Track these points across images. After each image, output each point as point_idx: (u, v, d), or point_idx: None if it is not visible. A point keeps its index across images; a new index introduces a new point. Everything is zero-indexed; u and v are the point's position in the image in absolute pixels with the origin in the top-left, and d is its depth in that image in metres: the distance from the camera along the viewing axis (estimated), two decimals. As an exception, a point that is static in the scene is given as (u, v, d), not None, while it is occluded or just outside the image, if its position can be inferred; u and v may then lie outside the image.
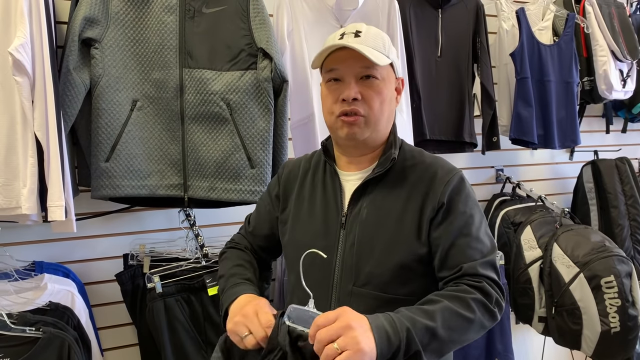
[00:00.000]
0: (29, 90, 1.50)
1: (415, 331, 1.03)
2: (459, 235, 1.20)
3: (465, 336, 1.12)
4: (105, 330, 1.96)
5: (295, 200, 1.37)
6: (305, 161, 1.43)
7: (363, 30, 1.23)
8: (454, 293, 1.14)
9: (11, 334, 1.52)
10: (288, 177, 1.42)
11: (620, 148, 3.08)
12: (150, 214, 2.03)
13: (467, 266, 1.17)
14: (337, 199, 1.29)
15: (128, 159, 1.73)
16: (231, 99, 1.77)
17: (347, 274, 1.24)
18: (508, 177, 2.72)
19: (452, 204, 1.22)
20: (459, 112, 2.35)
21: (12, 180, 1.52)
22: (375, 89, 1.23)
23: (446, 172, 1.26)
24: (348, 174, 1.32)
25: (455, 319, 1.10)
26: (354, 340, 0.96)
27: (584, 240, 2.20)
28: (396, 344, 1.01)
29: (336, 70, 1.23)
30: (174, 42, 1.77)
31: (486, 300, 1.15)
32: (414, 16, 2.28)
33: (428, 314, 1.07)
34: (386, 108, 1.26)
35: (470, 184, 1.29)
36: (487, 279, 1.17)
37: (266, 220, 1.44)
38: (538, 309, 2.28)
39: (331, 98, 1.25)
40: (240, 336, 1.09)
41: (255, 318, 1.09)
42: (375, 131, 1.25)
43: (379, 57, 1.21)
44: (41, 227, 1.80)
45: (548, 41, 2.59)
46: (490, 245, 1.23)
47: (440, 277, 1.21)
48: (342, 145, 1.31)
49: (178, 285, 1.84)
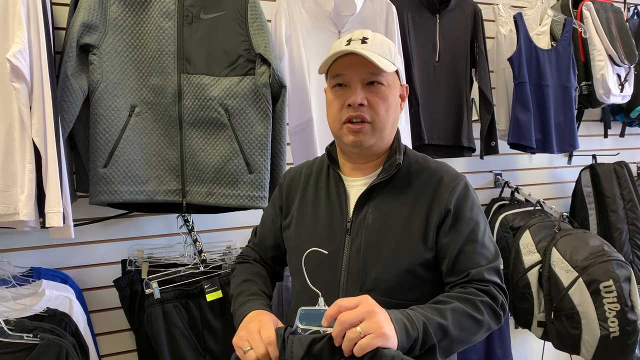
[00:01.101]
0: (27, 96, 1.50)
1: (430, 326, 1.06)
2: (466, 242, 1.22)
3: (473, 337, 1.16)
4: (104, 336, 1.96)
5: (298, 206, 1.37)
6: (307, 167, 1.44)
7: (370, 37, 1.25)
8: (463, 295, 1.17)
9: (9, 341, 1.51)
10: (290, 185, 1.43)
11: (619, 152, 3.08)
12: (149, 219, 2.03)
13: (474, 272, 1.20)
14: (342, 204, 1.30)
15: (126, 164, 1.73)
16: (229, 105, 1.77)
17: (353, 279, 1.24)
18: (506, 182, 2.72)
19: (458, 211, 1.24)
20: (457, 117, 2.36)
21: (10, 187, 1.52)
22: (380, 95, 1.24)
23: (452, 179, 1.27)
24: (352, 179, 1.32)
25: (465, 319, 1.13)
26: (377, 324, 0.97)
27: (582, 245, 2.20)
28: (414, 336, 1.03)
29: (342, 76, 1.24)
30: (172, 47, 1.77)
31: (493, 303, 1.19)
32: (412, 21, 2.29)
33: (440, 312, 1.10)
34: (391, 114, 1.27)
35: (474, 190, 1.31)
36: (493, 284, 1.21)
37: (271, 231, 1.45)
38: (537, 313, 2.27)
39: (337, 103, 1.25)
40: (243, 350, 1.09)
41: (257, 334, 1.09)
42: (380, 138, 1.27)
43: (386, 63, 1.22)
44: (39, 233, 1.80)
45: (546, 46, 2.59)
46: (494, 250, 1.26)
47: (448, 282, 1.24)
48: (347, 152, 1.32)
49: (176, 291, 1.84)
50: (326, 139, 2.01)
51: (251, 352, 1.07)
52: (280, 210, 1.43)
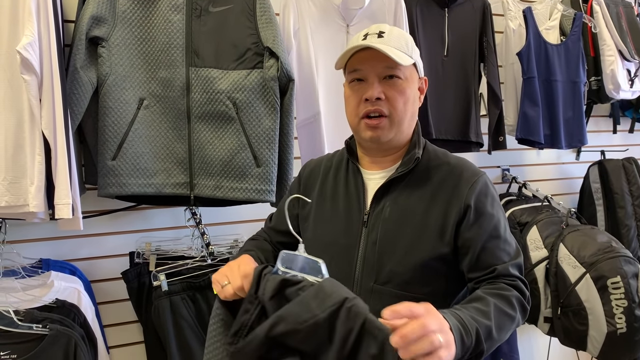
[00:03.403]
0: (37, 88, 1.51)
1: (481, 331, 1.05)
2: (489, 238, 1.22)
3: (507, 335, 1.16)
4: (111, 328, 1.97)
5: (317, 198, 1.37)
6: (327, 160, 1.44)
7: (386, 31, 1.24)
8: (498, 291, 1.17)
9: (18, 331, 1.54)
10: (309, 176, 1.44)
11: (628, 148, 3.06)
12: (157, 212, 2.04)
13: (500, 268, 1.20)
14: (360, 197, 1.30)
15: (134, 157, 1.74)
16: (237, 98, 1.77)
17: (368, 271, 1.24)
18: (514, 177, 2.71)
19: (480, 207, 1.24)
20: (466, 112, 2.35)
21: (20, 178, 1.53)
22: (398, 89, 1.24)
23: (471, 174, 1.27)
24: (371, 172, 1.32)
25: (504, 318, 1.13)
26: (450, 337, 0.94)
27: (590, 241, 2.19)
28: (468, 345, 1.02)
29: (359, 71, 1.24)
30: (180, 40, 1.77)
31: (523, 298, 1.20)
32: (421, 15, 2.28)
33: (486, 315, 1.09)
34: (409, 108, 1.27)
35: (494, 186, 1.31)
36: (519, 279, 1.22)
37: (285, 217, 1.44)
38: (544, 309, 2.27)
39: (354, 98, 1.26)
40: (221, 285, 1.10)
41: (236, 269, 1.11)
42: (399, 132, 1.27)
43: (402, 57, 1.21)
44: (48, 224, 1.81)
45: (555, 41, 2.57)
46: (515, 246, 1.27)
47: (471, 277, 1.23)
48: (365, 147, 1.32)
49: (184, 283, 1.85)
50: (334, 133, 2.02)
51: (228, 286, 1.08)
52: (297, 200, 1.43)
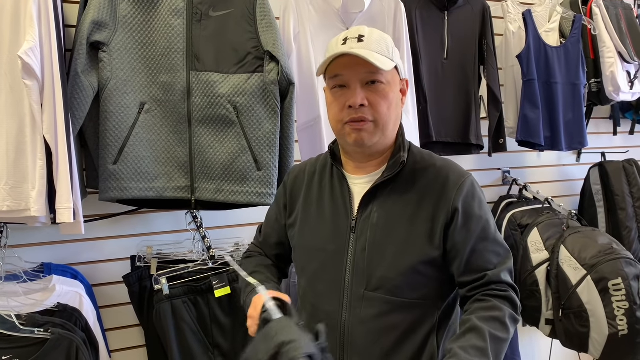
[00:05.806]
0: (38, 93, 1.51)
1: None
2: (478, 241, 1.22)
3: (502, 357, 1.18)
4: (113, 332, 1.97)
5: (302, 204, 1.37)
6: (310, 165, 1.43)
7: (366, 34, 1.21)
8: (490, 314, 1.17)
9: (20, 335, 1.54)
10: (294, 182, 1.42)
11: (628, 150, 3.06)
12: (158, 216, 2.04)
13: (491, 274, 1.21)
14: (347, 202, 1.29)
15: (136, 161, 1.74)
16: (238, 102, 1.77)
17: (358, 278, 1.24)
18: (515, 179, 2.71)
19: (468, 210, 1.23)
20: (466, 114, 2.35)
21: (21, 183, 1.53)
22: (381, 94, 1.22)
23: (458, 177, 1.26)
24: (356, 177, 1.31)
25: (500, 346, 1.15)
26: None
27: (591, 243, 2.19)
28: None
29: (341, 77, 1.22)
30: (181, 45, 1.78)
31: (515, 312, 1.20)
32: (420, 18, 2.28)
33: (484, 354, 1.10)
34: (393, 112, 1.25)
35: (480, 187, 1.30)
36: (509, 286, 1.22)
37: (275, 229, 1.45)
38: (545, 311, 2.27)
39: (337, 105, 1.24)
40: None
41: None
42: (383, 136, 1.25)
43: (384, 61, 1.19)
44: (50, 229, 1.81)
45: (555, 43, 2.58)
46: (505, 247, 1.27)
47: (462, 281, 1.23)
48: (349, 152, 1.31)
49: (185, 287, 1.85)
50: (334, 136, 2.02)
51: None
52: (285, 208, 1.42)
